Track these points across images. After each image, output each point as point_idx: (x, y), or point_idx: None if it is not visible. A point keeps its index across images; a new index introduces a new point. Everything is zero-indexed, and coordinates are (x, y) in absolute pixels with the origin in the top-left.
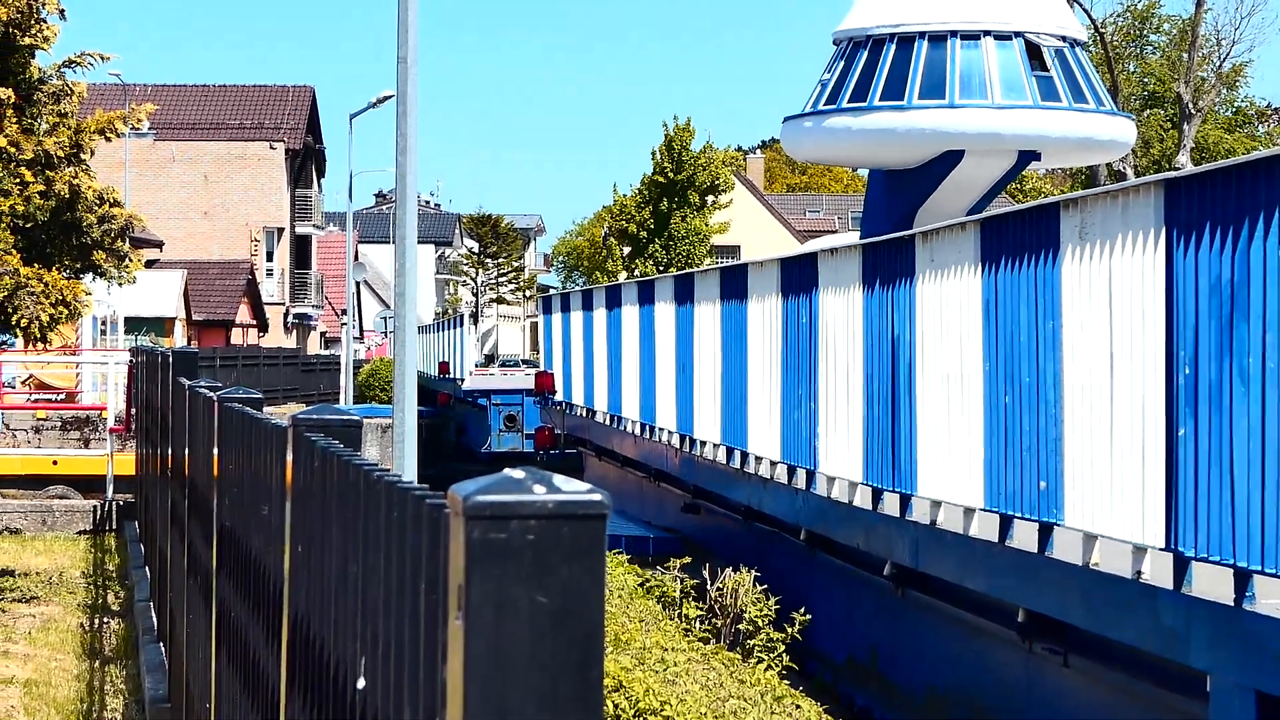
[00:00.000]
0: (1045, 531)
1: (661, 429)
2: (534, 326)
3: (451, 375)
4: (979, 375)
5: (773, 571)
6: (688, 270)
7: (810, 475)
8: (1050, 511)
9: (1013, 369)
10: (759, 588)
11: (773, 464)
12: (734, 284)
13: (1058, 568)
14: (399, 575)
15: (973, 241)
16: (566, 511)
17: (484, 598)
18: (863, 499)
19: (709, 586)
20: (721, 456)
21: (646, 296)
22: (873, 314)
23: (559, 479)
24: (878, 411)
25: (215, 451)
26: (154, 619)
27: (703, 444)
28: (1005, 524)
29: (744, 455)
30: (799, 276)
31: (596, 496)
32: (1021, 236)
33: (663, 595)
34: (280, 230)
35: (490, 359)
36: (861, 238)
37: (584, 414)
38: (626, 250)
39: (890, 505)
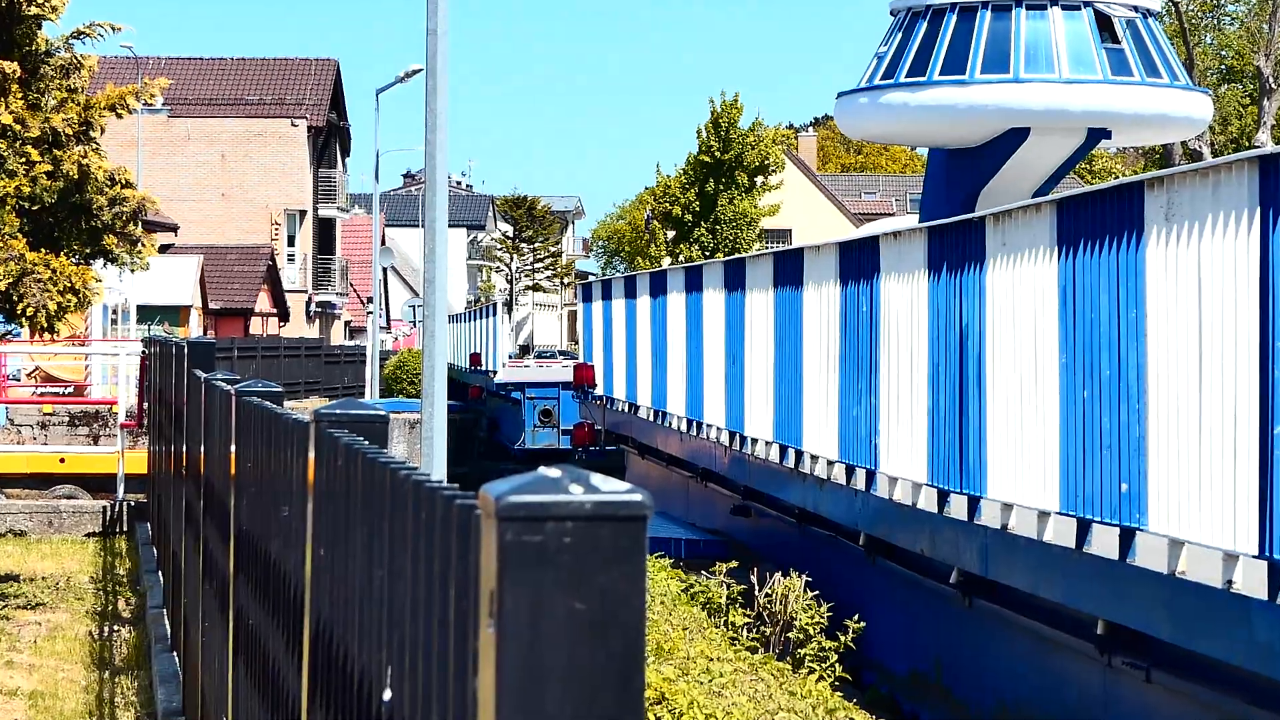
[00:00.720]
0: (1127, 537)
1: (709, 425)
2: (572, 315)
3: (483, 367)
4: (1054, 368)
5: (828, 578)
6: (738, 255)
7: (870, 476)
8: (1132, 515)
9: (1092, 361)
10: (810, 593)
11: (830, 463)
12: (789, 270)
13: (1140, 576)
14: (427, 580)
15: (1048, 223)
16: (606, 513)
17: (518, 604)
18: (927, 501)
19: (757, 592)
20: (774, 455)
21: (694, 283)
22: (939, 302)
23: (597, 478)
24: (944, 407)
25: (233, 449)
26: (167, 627)
27: (754, 441)
28: (1083, 529)
29: (798, 454)
30: (859, 262)
31: (637, 497)
32: (1102, 218)
33: (708, 602)
34: (302, 213)
35: (525, 350)
36: (920, 222)
37: (626, 409)
38: (670, 234)
39: (957, 508)
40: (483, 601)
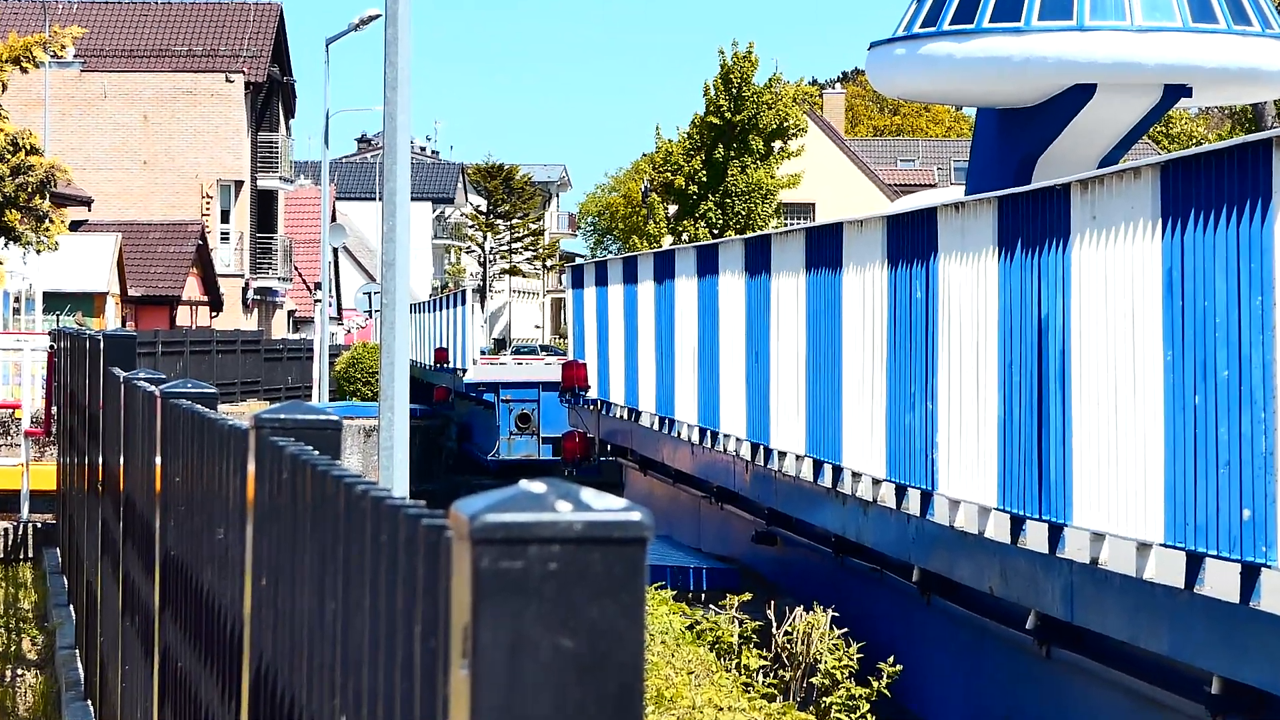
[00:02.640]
0: (1250, 575)
1: (727, 436)
2: (556, 304)
3: (451, 365)
4: (1158, 367)
5: (867, 618)
6: (763, 232)
7: (926, 498)
8: (1257, 549)
9: (1205, 359)
10: (836, 631)
11: (875, 482)
12: (825, 249)
13: (1267, 623)
14: (389, 615)
15: (1150, 192)
16: (598, 534)
17: (495, 642)
18: (997, 529)
19: (775, 630)
20: (806, 472)
21: (708, 265)
22: (1011, 287)
23: (589, 494)
24: (1018, 415)
25: (158, 461)
26: (80, 671)
27: (781, 456)
28: (1194, 565)
29: (836, 471)
30: (912, 239)
31: (636, 516)
32: (1218, 184)
33: (717, 641)
34: (238, 184)
35: (500, 344)
36: (967, 194)
37: (624, 416)
38: (672, 209)
39: (1035, 538)
40: (455, 639)
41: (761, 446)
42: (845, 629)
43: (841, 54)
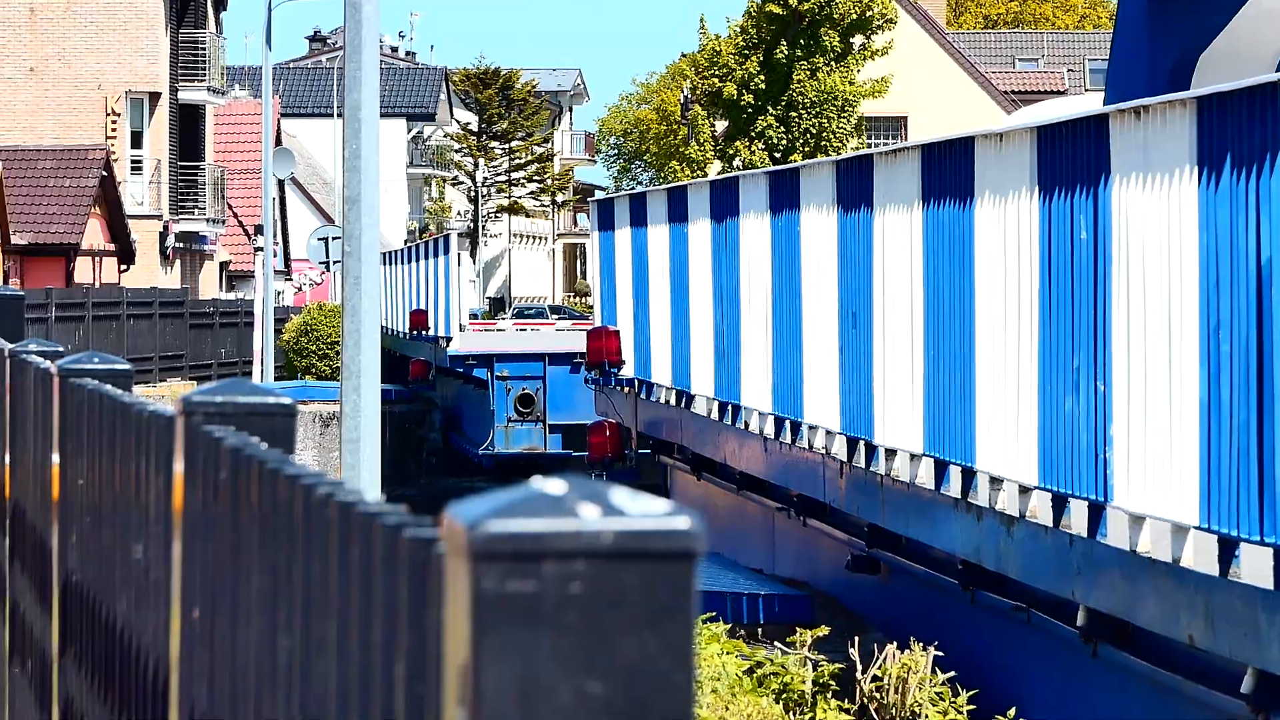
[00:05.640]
0: None
1: (813, 428)
2: (570, 251)
3: (432, 332)
4: None
5: (1007, 671)
6: (862, 152)
7: (1095, 511)
8: None
9: None
10: (940, 675)
11: (1022, 490)
12: (947, 174)
13: None
14: (362, 653)
15: None
16: (634, 546)
17: (501, 685)
18: (1200, 556)
19: (859, 674)
20: (925, 476)
21: (784, 198)
22: (1218, 221)
23: (621, 494)
24: (1228, 397)
25: (55, 459)
26: None
27: (890, 455)
28: None
29: (967, 475)
30: (1072, 156)
31: (682, 522)
32: None
33: (784, 689)
34: (154, 97)
35: (498, 305)
36: (1107, 102)
37: (671, 401)
38: (720, 126)
39: (1254, 568)
40: (448, 683)
41: (862, 442)
42: (952, 673)
43: None
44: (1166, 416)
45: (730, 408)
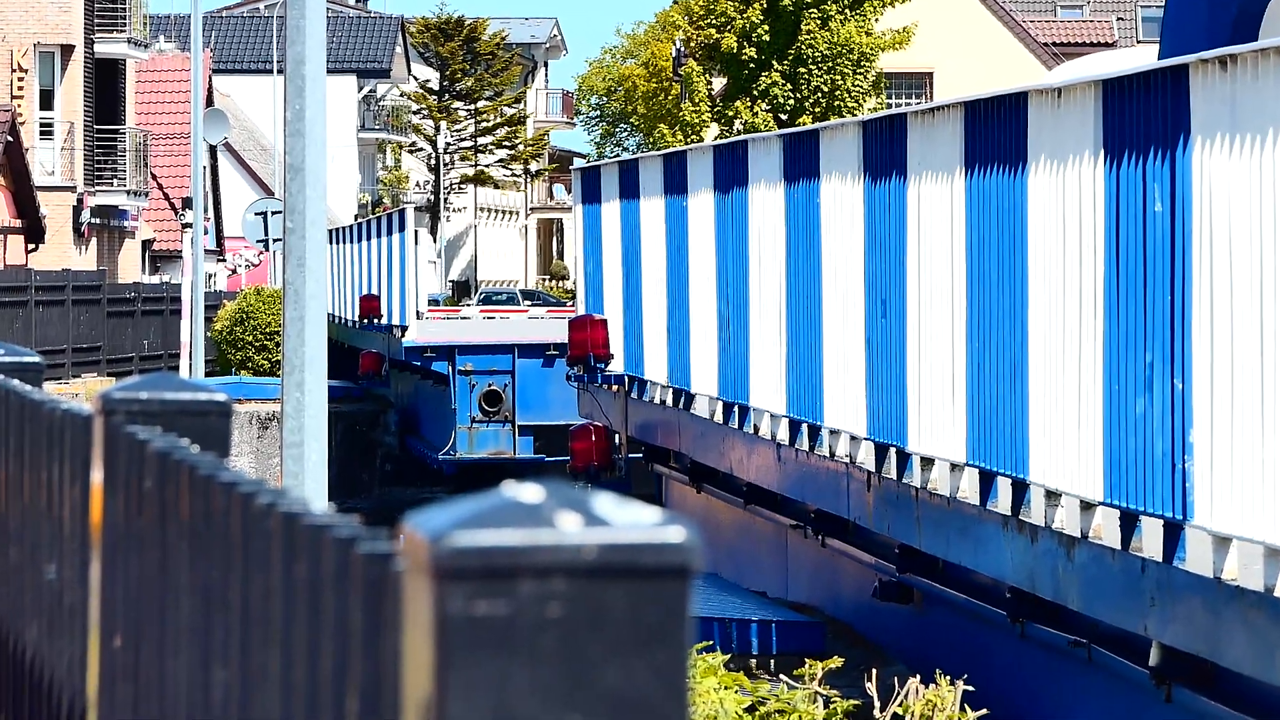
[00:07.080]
0: None
1: (835, 433)
2: (545, 228)
3: (386, 320)
4: None
5: (1060, 717)
6: (893, 111)
7: (1173, 532)
8: None
9: None
10: (972, 714)
11: (1085, 506)
12: (992, 134)
13: None
14: (310, 685)
15: None
16: (619, 561)
17: None
18: None
19: (878, 712)
20: (968, 489)
21: (801, 165)
22: None
23: (605, 502)
24: None
25: None
26: None
27: (926, 464)
28: None
29: (1019, 488)
30: (1146, 116)
31: (674, 534)
32: None
33: None
34: (66, 50)
35: (462, 289)
36: (1161, 57)
37: (667, 401)
38: (718, 83)
39: None
40: (408, 717)
41: (893, 450)
42: (985, 711)
43: None
44: (1258, 420)
45: (736, 409)
